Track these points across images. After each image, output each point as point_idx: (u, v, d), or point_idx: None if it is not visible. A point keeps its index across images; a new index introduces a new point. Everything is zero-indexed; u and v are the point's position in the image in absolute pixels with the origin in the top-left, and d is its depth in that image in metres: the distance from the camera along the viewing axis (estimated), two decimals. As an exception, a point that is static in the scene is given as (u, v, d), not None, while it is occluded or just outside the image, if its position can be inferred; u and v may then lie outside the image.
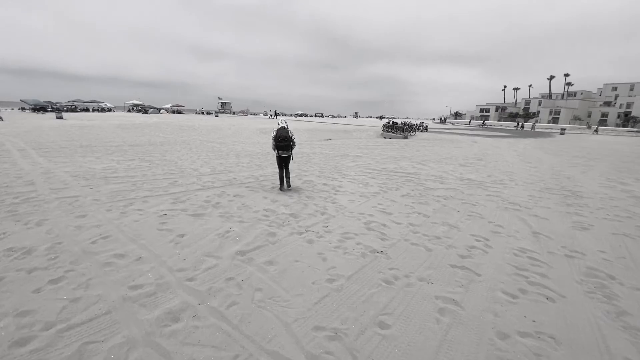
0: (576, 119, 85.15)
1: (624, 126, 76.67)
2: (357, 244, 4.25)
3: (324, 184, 7.95)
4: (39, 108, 46.02)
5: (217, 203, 5.90)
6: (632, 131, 59.73)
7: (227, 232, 4.50)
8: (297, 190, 7.22)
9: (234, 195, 6.53)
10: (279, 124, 6.82)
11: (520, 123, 56.01)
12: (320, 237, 4.46)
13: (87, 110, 56.60)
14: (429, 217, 5.56)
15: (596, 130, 48.00)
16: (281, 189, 7.06)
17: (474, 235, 4.75)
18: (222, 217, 5.16)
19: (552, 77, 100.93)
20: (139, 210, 5.33)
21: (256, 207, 5.79)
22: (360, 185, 8.01)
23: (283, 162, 6.88)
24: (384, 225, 5.02)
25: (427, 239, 4.53)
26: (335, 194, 6.96)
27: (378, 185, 7.98)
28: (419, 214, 5.71)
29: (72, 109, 53.53)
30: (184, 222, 4.84)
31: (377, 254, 3.98)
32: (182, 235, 4.30)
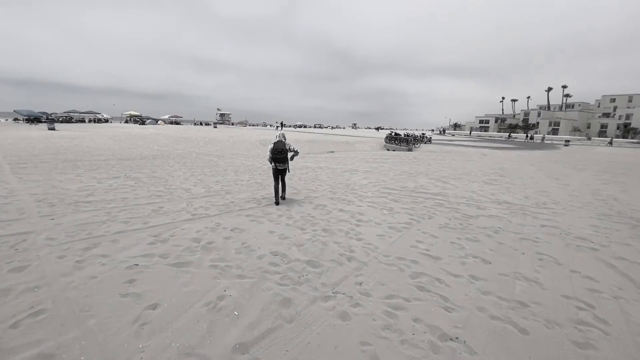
0: (575, 130, 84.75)
1: (624, 137, 76.14)
2: (415, 320, 2.86)
3: (341, 210, 6.60)
4: (33, 119, 44.74)
5: (210, 243, 4.51)
6: (634, 142, 58.97)
7: (221, 298, 3.10)
8: (311, 220, 5.85)
9: (232, 229, 5.15)
10: (276, 137, 6.76)
11: (529, 135, 55.22)
12: (357, 305, 3.08)
13: (82, 121, 55.35)
14: (490, 263, 4.19)
15: (610, 142, 47.31)
16: (276, 202, 6.89)
17: (568, 298, 3.38)
18: (214, 267, 3.76)
19: (550, 89, 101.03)
20: (102, 257, 3.93)
21: (261, 248, 4.40)
22: (385, 211, 6.65)
23: (279, 174, 6.89)
24: (438, 280, 3.65)
25: (508, 306, 3.16)
26: (357, 226, 5.60)
27: (406, 212, 6.62)
28: (476, 258, 4.34)
29: (68, 120, 52.28)
30: (160, 279, 3.44)
31: (452, 342, 2.60)
32: (154, 307, 2.90)
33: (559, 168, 16.52)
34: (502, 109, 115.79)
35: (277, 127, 67.46)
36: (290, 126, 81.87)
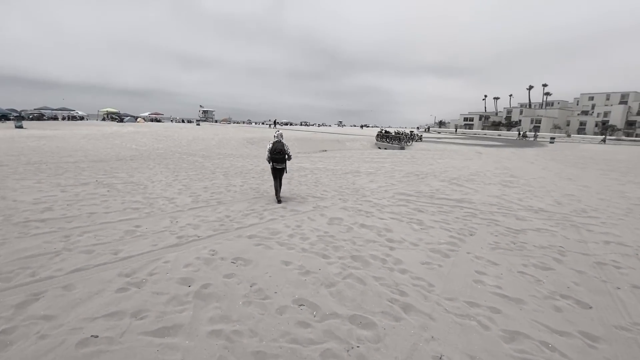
0: (556, 127, 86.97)
1: (602, 134, 78.61)
2: None
3: (362, 226, 5.43)
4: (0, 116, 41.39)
5: (205, 286, 3.23)
6: (611, 139, 60.72)
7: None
8: (331, 241, 4.64)
9: (233, 260, 3.89)
10: (274, 137, 6.71)
11: (521, 132, 55.52)
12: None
13: (55, 118, 51.72)
14: (590, 308, 3.13)
15: (604, 140, 47.84)
16: (277, 199, 6.93)
17: None
18: (216, 335, 2.51)
19: (531, 87, 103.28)
20: (44, 319, 2.61)
21: (278, 293, 3.17)
22: (415, 226, 5.53)
23: (277, 174, 6.81)
24: (545, 344, 2.53)
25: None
26: (391, 249, 4.44)
27: (440, 226, 5.52)
28: (566, 298, 3.27)
29: (39, 117, 48.67)
30: (132, 364, 2.17)
31: None
32: None
33: (560, 167, 15.99)
34: (485, 107, 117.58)
35: (269, 125, 65.72)
36: (277, 123, 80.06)
